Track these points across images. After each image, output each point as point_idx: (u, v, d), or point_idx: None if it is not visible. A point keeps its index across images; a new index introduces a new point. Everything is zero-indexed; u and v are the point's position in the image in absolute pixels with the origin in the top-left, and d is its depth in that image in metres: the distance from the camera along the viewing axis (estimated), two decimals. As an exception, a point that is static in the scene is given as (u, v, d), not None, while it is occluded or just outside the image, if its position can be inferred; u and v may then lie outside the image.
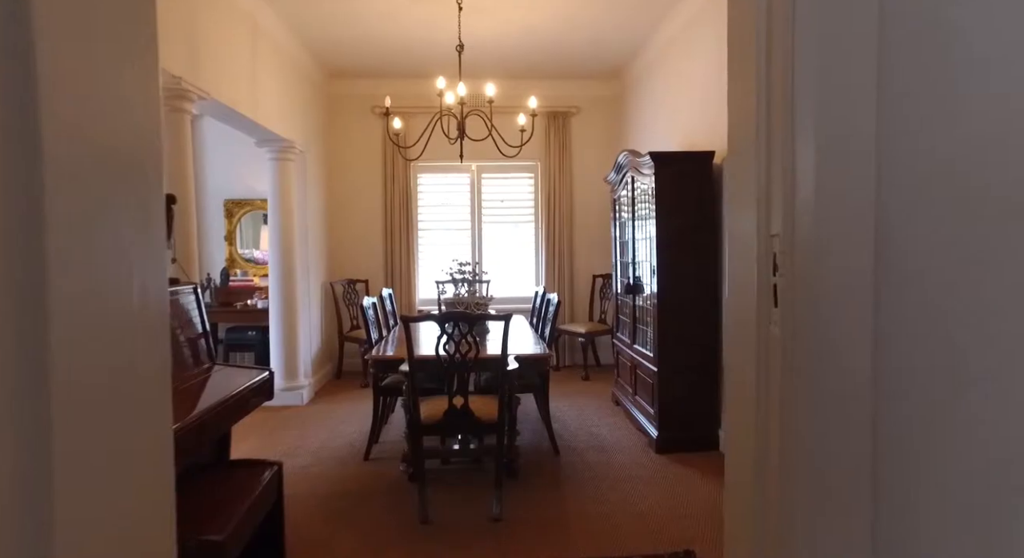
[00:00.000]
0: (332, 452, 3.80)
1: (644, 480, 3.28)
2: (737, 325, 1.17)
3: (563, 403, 4.89)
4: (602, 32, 4.86)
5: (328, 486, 3.26)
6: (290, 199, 4.94)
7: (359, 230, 6.28)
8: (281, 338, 4.94)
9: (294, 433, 4.19)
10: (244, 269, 6.21)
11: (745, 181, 1.12)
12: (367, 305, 3.84)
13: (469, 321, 2.77)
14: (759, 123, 1.03)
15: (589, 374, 5.81)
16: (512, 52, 5.29)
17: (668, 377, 3.68)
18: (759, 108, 1.03)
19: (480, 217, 6.40)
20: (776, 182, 0.99)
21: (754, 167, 1.05)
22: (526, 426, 4.21)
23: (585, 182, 6.34)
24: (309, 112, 5.44)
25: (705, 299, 3.70)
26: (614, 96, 6.32)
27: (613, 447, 3.81)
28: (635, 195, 4.20)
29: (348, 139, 6.22)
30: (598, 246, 6.34)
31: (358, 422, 4.34)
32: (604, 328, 5.86)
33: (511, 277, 6.44)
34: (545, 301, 4.26)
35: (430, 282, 6.00)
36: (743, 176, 1.14)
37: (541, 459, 3.62)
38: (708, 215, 3.70)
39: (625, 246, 4.61)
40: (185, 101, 2.94)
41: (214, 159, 6.19)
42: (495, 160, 5.83)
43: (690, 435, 3.70)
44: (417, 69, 5.61)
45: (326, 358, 5.92)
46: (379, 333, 4.08)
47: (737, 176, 1.19)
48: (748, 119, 1.09)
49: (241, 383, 2.32)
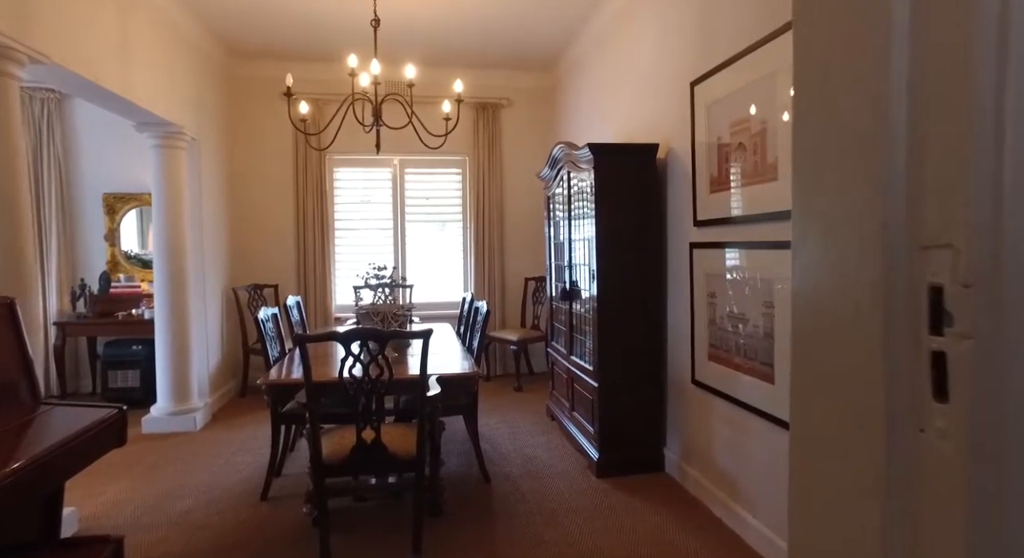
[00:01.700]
0: (223, 491, 3.21)
1: (585, 512, 2.92)
2: (825, 419, 0.67)
3: (494, 419, 4.48)
4: (533, 19, 4.49)
5: (212, 538, 2.69)
6: (180, 193, 4.26)
7: (268, 230, 5.62)
8: (169, 353, 4.26)
9: (179, 468, 3.55)
10: (129, 273, 5.41)
11: (848, 129, 0.65)
12: (264, 317, 3.28)
13: (380, 340, 2.30)
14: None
15: (522, 384, 5.44)
16: (436, 37, 4.83)
17: (610, 393, 3.35)
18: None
19: (403, 216, 5.89)
20: (961, 143, 0.51)
21: (875, 110, 0.58)
22: (453, 449, 3.77)
23: (517, 179, 5.96)
24: (204, 94, 4.75)
25: (649, 304, 3.40)
26: (547, 87, 5.97)
27: (550, 472, 3.44)
28: (571, 192, 3.85)
29: (254, 127, 5.55)
30: (530, 247, 5.98)
31: (259, 451, 3.76)
32: (538, 335, 5.50)
33: (437, 281, 5.97)
34: (474, 309, 3.84)
35: (349, 287, 5.44)
36: (844, 120, 0.66)
37: (470, 489, 3.19)
38: (653, 213, 3.40)
39: (560, 247, 4.26)
40: (8, 62, 2.30)
41: (90, 147, 5.35)
42: (419, 154, 5.36)
43: (634, 456, 3.38)
44: (331, 50, 5.04)
45: (228, 374, 5.23)
46: (281, 350, 3.52)
47: (823, 124, 0.72)
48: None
49: (70, 429, 1.76)
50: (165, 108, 3.94)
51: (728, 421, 2.77)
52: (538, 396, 5.09)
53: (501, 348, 5.90)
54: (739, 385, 2.63)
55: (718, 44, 2.75)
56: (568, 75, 5.38)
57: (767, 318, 2.40)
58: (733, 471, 2.74)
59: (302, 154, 5.54)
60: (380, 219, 5.86)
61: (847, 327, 0.61)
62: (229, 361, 5.26)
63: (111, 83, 3.21)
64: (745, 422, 2.62)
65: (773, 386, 2.37)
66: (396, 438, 2.51)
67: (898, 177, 0.54)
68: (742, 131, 2.54)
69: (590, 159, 3.31)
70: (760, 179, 2.41)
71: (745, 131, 2.52)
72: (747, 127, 2.50)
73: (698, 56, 2.95)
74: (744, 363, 2.59)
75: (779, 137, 2.28)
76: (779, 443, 2.36)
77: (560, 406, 4.23)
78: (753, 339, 2.51)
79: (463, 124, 5.50)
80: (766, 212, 2.38)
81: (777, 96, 2.29)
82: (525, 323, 5.84)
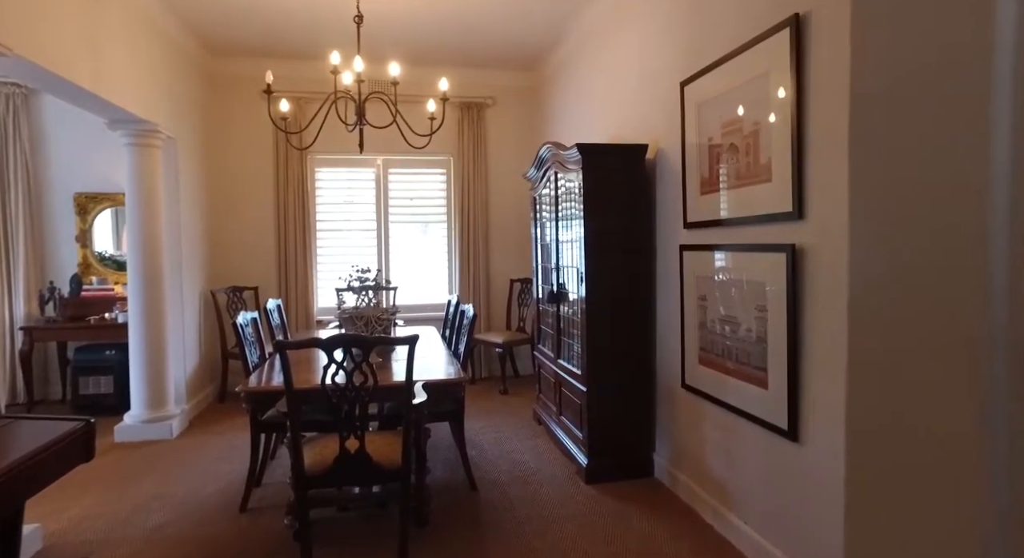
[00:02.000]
0: (200, 502, 3.09)
1: (576, 519, 2.86)
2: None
3: (480, 423, 4.40)
4: (519, 16, 4.42)
5: (188, 554, 2.58)
6: (155, 192, 4.12)
7: (248, 231, 5.48)
8: (143, 358, 4.11)
9: (153, 478, 3.42)
10: (103, 275, 5.24)
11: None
12: (243, 321, 3.16)
13: (364, 346, 2.22)
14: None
15: (508, 387, 5.37)
16: (420, 34, 4.74)
17: (599, 398, 3.29)
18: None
19: (387, 217, 5.79)
20: None
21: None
22: (438, 456, 3.69)
23: (502, 179, 5.89)
24: (182, 92, 4.61)
25: (639, 307, 3.35)
26: (533, 87, 5.91)
27: (538, 478, 3.37)
28: (559, 193, 3.79)
29: (234, 126, 5.41)
30: (516, 248, 5.91)
31: (240, 459, 3.64)
32: (524, 337, 5.43)
33: (421, 283, 5.87)
34: (460, 312, 3.76)
35: (332, 290, 5.33)
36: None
37: (456, 498, 3.11)
38: (642, 215, 3.35)
39: (547, 249, 4.20)
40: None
41: (60, 144, 5.18)
42: (403, 153, 5.27)
43: (623, 461, 3.33)
44: (313, 48, 4.93)
45: (206, 379, 5.09)
46: (261, 354, 3.41)
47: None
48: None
49: (31, 445, 1.65)
50: (139, 105, 3.80)
51: (719, 426, 2.73)
52: (524, 399, 5.03)
53: (486, 350, 5.82)
54: (731, 390, 2.59)
55: (709, 43, 2.71)
56: (555, 74, 5.33)
57: (760, 322, 2.36)
58: (724, 477, 2.70)
59: (283, 153, 5.41)
60: (363, 220, 5.75)
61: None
62: (207, 366, 5.11)
63: (80, 77, 3.08)
64: (737, 427, 2.58)
65: (767, 391, 2.33)
66: (381, 447, 2.42)
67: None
68: (734, 132, 2.50)
69: (578, 159, 3.25)
70: (753, 180, 2.37)
71: (737, 132, 2.47)
72: (739, 128, 2.46)
73: (689, 56, 2.91)
74: (736, 367, 2.54)
75: (772, 138, 2.24)
76: (772, 449, 2.32)
77: (547, 410, 4.17)
78: (746, 343, 2.46)
79: (448, 124, 5.42)
80: (759, 214, 2.34)
81: (770, 97, 2.25)
82: (511, 325, 5.78)
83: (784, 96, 2.16)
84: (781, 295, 2.21)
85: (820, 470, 2.06)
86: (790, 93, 2.12)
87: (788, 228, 2.18)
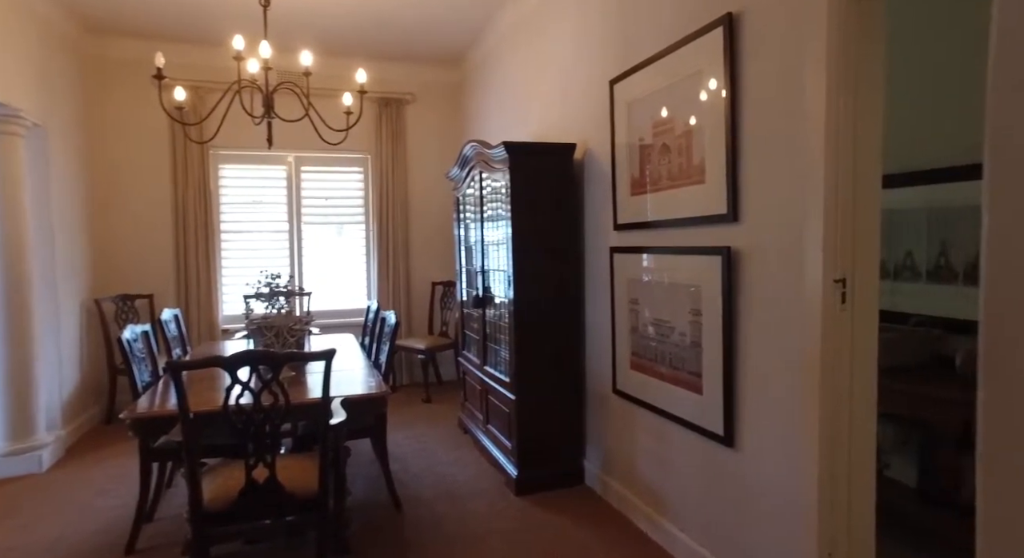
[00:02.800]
0: (75, 546, 2.68)
1: (507, 534, 2.72)
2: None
3: (403, 434, 4.18)
4: (440, 6, 4.24)
5: (60, 609, 2.20)
6: (17, 187, 3.59)
7: (140, 232, 4.94)
8: (5, 380, 3.56)
9: (14, 523, 2.93)
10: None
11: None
12: (131, 336, 2.78)
13: (272, 363, 1.97)
14: None
15: (431, 395, 5.16)
16: (333, 23, 4.45)
17: (528, 406, 3.17)
18: None
19: (300, 218, 5.41)
20: None
21: None
22: (359, 473, 3.44)
23: (423, 178, 5.67)
24: (52, 75, 4.06)
25: (568, 311, 3.26)
26: (455, 83, 5.73)
27: (466, 492, 3.21)
28: (484, 193, 3.65)
29: (121, 115, 4.86)
30: (438, 250, 5.71)
31: (128, 491, 3.21)
32: (446, 342, 5.24)
33: (337, 287, 5.54)
34: (380, 319, 3.53)
35: (238, 296, 4.91)
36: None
37: (380, 519, 2.89)
38: (571, 216, 3.27)
39: (471, 251, 4.04)
40: None
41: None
42: (317, 150, 4.94)
43: (554, 471, 3.23)
44: (213, 33, 4.51)
45: (89, 400, 4.52)
46: (153, 372, 3.03)
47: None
48: None
49: None
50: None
51: (651, 432, 2.68)
52: (448, 407, 4.84)
53: (408, 357, 5.58)
54: (664, 395, 2.54)
55: (640, 41, 2.66)
56: (479, 70, 5.18)
57: (695, 326, 2.32)
58: (657, 483, 2.65)
59: (181, 148, 4.92)
60: (273, 221, 5.34)
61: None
62: (91, 384, 4.55)
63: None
64: (670, 433, 2.54)
65: (702, 396, 2.29)
66: (295, 474, 2.17)
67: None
68: (666, 132, 2.45)
69: (505, 158, 3.13)
70: (686, 181, 2.33)
71: (669, 132, 2.43)
72: (671, 127, 2.42)
73: (619, 53, 2.85)
74: (670, 372, 2.50)
75: (706, 138, 2.20)
76: (707, 455, 2.29)
77: (474, 419, 4.01)
78: (680, 347, 2.42)
79: (365, 120, 5.13)
80: (693, 216, 2.30)
81: (703, 96, 2.21)
82: (433, 330, 5.57)
83: (718, 95, 2.13)
84: (716, 299, 2.17)
85: (757, 476, 2.04)
86: (724, 92, 2.09)
87: (723, 230, 2.14)
